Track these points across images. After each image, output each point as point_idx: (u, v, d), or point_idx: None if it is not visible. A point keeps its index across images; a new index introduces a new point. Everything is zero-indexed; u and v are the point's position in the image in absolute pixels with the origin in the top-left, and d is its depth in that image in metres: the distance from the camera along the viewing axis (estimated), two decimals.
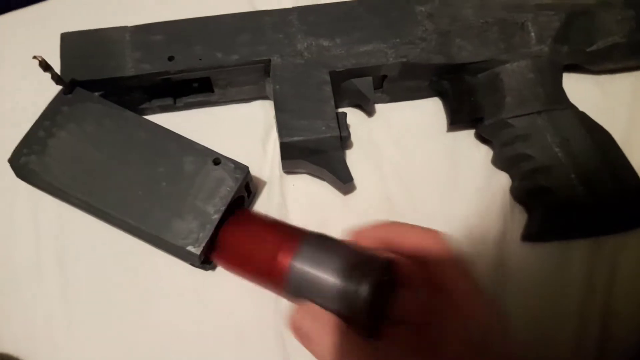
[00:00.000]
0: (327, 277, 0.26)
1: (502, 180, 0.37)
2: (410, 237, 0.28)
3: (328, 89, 0.34)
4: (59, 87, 0.33)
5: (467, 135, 0.39)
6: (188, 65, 0.34)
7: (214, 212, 0.30)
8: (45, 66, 0.30)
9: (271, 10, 0.36)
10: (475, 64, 0.35)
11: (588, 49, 0.37)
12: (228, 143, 0.35)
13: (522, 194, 0.35)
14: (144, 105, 0.38)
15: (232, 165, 0.32)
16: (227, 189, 0.31)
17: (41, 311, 0.34)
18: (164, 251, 0.33)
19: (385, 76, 0.36)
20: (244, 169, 0.32)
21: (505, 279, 0.34)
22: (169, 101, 0.38)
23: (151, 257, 0.34)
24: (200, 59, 0.34)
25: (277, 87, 0.34)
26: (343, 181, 0.34)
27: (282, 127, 0.33)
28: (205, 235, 0.30)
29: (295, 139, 0.32)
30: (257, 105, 0.40)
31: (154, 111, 0.38)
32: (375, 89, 0.37)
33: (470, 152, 0.38)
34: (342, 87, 0.36)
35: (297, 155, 0.34)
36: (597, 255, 0.35)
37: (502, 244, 0.35)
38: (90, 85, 0.34)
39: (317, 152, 0.33)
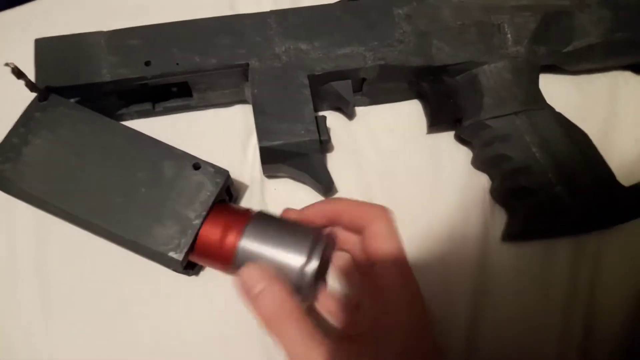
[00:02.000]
0: (273, 254, 0.28)
1: (482, 181, 0.37)
2: (354, 211, 0.29)
3: (307, 92, 0.34)
4: (34, 94, 0.33)
5: (447, 137, 0.39)
6: (165, 70, 0.34)
7: (195, 217, 0.30)
8: (18, 73, 0.29)
9: (250, 14, 0.36)
10: (454, 65, 0.36)
11: (564, 50, 0.37)
12: (208, 147, 0.35)
13: (501, 194, 0.35)
14: (121, 111, 0.37)
15: (212, 170, 0.32)
16: (207, 194, 0.31)
17: (20, 320, 0.33)
18: (145, 258, 0.32)
19: (364, 79, 0.36)
20: (224, 173, 0.32)
21: (487, 278, 0.35)
22: (147, 106, 0.37)
23: (132, 264, 0.34)
24: (177, 64, 0.34)
25: (256, 90, 0.33)
26: (324, 185, 0.34)
27: (262, 132, 0.32)
28: (186, 241, 0.29)
29: (275, 143, 0.32)
30: (237, 109, 0.40)
31: (132, 116, 0.38)
32: (354, 91, 0.37)
33: (450, 154, 0.39)
34: (321, 90, 0.36)
35: (277, 159, 0.33)
36: (578, 253, 0.36)
37: (483, 245, 0.36)
38: (65, 91, 0.33)
39: (297, 156, 0.33)
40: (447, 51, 0.35)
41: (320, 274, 0.28)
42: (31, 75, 0.32)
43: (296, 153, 0.33)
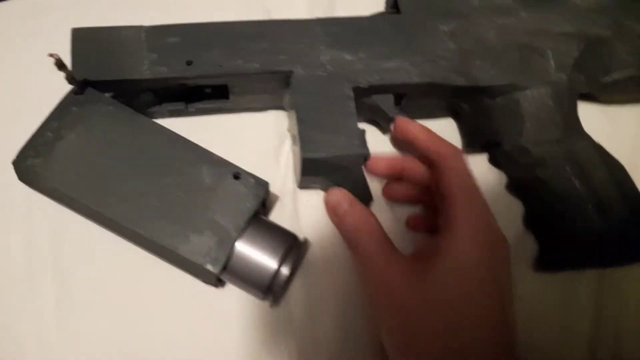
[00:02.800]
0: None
1: (514, 207, 0.37)
2: (430, 143, 0.30)
3: (352, 104, 0.33)
4: (69, 86, 0.31)
5: (481, 159, 0.39)
6: (207, 71, 0.33)
7: (234, 229, 0.29)
8: (60, 65, 0.28)
9: (294, 20, 0.35)
10: (496, 87, 0.35)
11: (603, 79, 0.37)
12: (240, 153, 0.34)
13: (537, 221, 0.35)
14: (153, 109, 0.36)
15: (253, 181, 0.31)
16: (247, 206, 0.30)
17: (33, 322, 0.32)
18: (175, 266, 0.31)
19: (405, 94, 0.36)
20: (265, 186, 0.31)
21: (515, 307, 0.34)
22: (180, 106, 0.36)
23: (153, 268, 0.32)
24: (220, 65, 0.33)
25: (300, 99, 0.33)
26: (363, 201, 0.33)
27: (305, 142, 0.32)
28: (223, 254, 0.28)
29: (319, 155, 0.31)
30: (270, 115, 0.39)
31: (163, 115, 0.37)
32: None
33: (483, 176, 0.37)
34: (360, 102, 0.35)
35: (318, 171, 0.33)
36: (604, 284, 0.36)
37: (513, 273, 0.35)
38: (101, 85, 0.32)
39: (339, 169, 0.32)
40: (490, 72, 0.35)
41: (290, 278, 0.31)
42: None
43: (338, 166, 0.32)
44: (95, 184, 0.29)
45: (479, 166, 0.38)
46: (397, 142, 0.34)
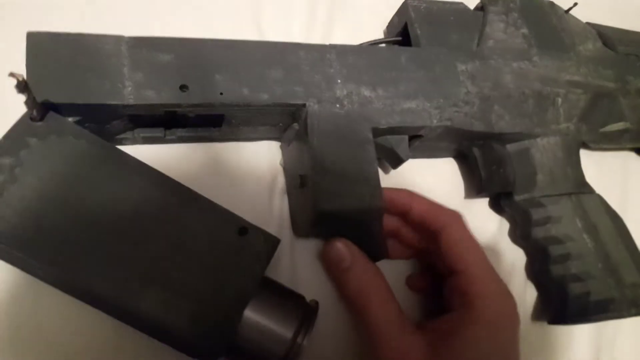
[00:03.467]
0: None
1: (515, 254, 0.36)
2: (429, 212, 0.29)
3: (372, 149, 0.29)
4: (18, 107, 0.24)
5: (481, 204, 0.37)
6: (206, 100, 0.27)
7: (239, 298, 0.24)
8: (23, 87, 0.21)
9: (306, 45, 0.30)
10: (509, 134, 0.34)
11: (601, 130, 0.37)
12: (228, 190, 0.30)
13: (545, 276, 0.33)
14: (124, 135, 0.29)
15: (262, 237, 0.26)
16: (257, 267, 0.25)
17: None
18: (166, 344, 0.25)
19: (420, 135, 0.33)
20: (276, 243, 0.26)
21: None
22: (158, 133, 0.30)
23: (134, 342, 0.26)
24: (221, 93, 0.27)
25: (316, 141, 0.28)
26: (376, 257, 0.29)
27: (321, 192, 0.27)
28: (229, 329, 0.23)
29: (336, 207, 0.27)
30: (262, 145, 0.33)
31: (136, 142, 0.30)
32: None
33: (484, 222, 0.37)
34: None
35: (330, 224, 0.28)
36: (598, 336, 0.36)
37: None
38: (64, 108, 0.25)
39: (355, 223, 0.28)
40: (506, 119, 0.33)
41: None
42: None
43: (356, 219, 0.28)
44: (61, 244, 0.22)
45: (479, 209, 0.37)
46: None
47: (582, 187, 0.34)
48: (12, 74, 0.20)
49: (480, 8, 0.37)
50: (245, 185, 0.32)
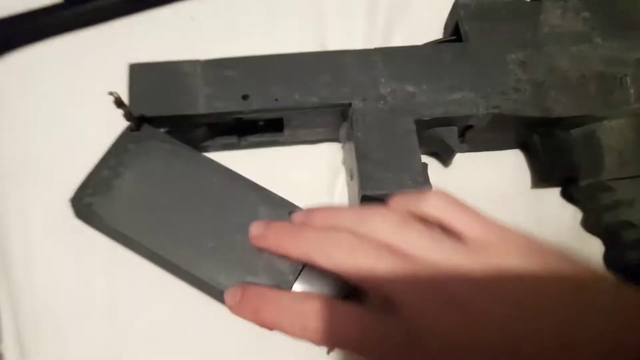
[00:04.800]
0: None
1: (593, 245, 0.34)
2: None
3: (414, 138, 0.31)
4: (124, 122, 0.31)
5: (553, 194, 0.36)
6: (263, 105, 0.32)
7: (290, 272, 0.27)
8: (119, 103, 0.27)
9: (352, 51, 0.33)
10: (570, 118, 0.33)
11: None
12: (293, 187, 0.33)
13: (623, 265, 0.31)
14: (206, 143, 0.35)
15: None
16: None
17: None
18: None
19: (471, 126, 0.34)
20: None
21: None
22: (233, 139, 0.35)
23: (209, 311, 0.31)
24: (276, 99, 0.32)
25: (360, 134, 0.31)
26: None
27: (365, 179, 0.30)
28: None
29: (380, 192, 0.30)
30: (324, 147, 0.37)
31: (216, 148, 0.36)
32: None
33: (556, 213, 0.35)
34: (423, 135, 0.33)
35: None
36: None
37: None
38: (157, 121, 0.31)
39: None
40: (564, 103, 0.33)
41: None
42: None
43: None
44: (150, 224, 0.28)
45: (550, 200, 0.36)
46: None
47: None
48: (110, 93, 0.27)
49: None
50: (308, 182, 0.36)
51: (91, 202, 0.29)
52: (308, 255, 0.24)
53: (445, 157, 0.35)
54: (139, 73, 0.32)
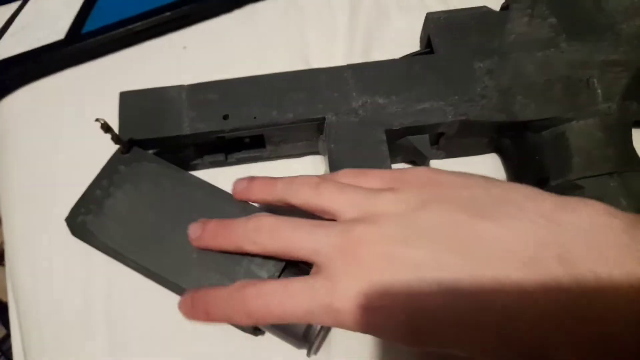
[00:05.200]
0: None
1: None
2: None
3: (384, 148, 0.33)
4: (115, 146, 0.33)
5: None
6: (242, 124, 0.34)
7: (269, 276, 0.29)
8: (106, 128, 0.30)
9: (325, 69, 0.36)
10: (539, 121, 0.34)
11: None
12: None
13: None
14: (195, 161, 0.38)
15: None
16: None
17: None
18: None
19: (442, 133, 0.35)
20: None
21: None
22: (220, 157, 0.38)
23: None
24: (254, 118, 0.34)
25: (332, 146, 0.33)
26: None
27: None
28: None
29: None
30: (307, 160, 0.39)
31: (205, 166, 0.38)
32: (431, 145, 0.36)
33: None
34: (396, 144, 0.35)
35: None
36: None
37: None
38: (146, 143, 0.34)
39: None
40: (531, 107, 0.34)
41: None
42: (114, 126, 0.33)
43: None
44: (140, 240, 0.31)
45: None
46: None
47: (627, 165, 0.32)
48: (97, 120, 0.29)
49: (505, 7, 0.38)
50: None
51: (85, 220, 0.31)
52: (239, 246, 0.27)
53: (421, 164, 0.37)
54: (129, 100, 0.35)
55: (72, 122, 0.40)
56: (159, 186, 0.32)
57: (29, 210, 0.37)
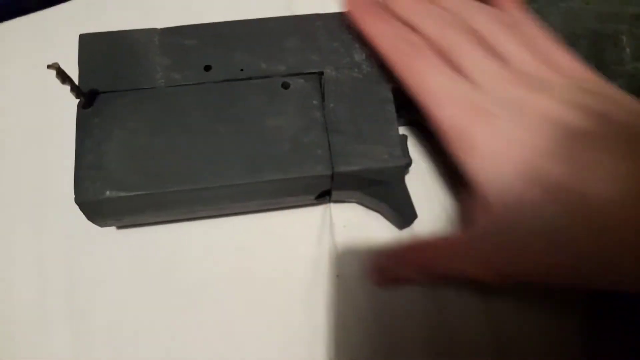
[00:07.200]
0: None
1: None
2: None
3: (391, 108, 0.29)
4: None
5: None
6: (227, 76, 0.29)
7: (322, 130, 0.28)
8: (63, 76, 0.25)
9: (323, 14, 0.31)
10: None
11: None
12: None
13: None
14: None
15: (302, 81, 0.28)
16: (314, 102, 0.28)
17: None
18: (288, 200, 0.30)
19: None
20: (318, 76, 0.29)
21: None
22: None
23: (173, 312, 0.30)
24: (241, 70, 0.29)
25: (331, 104, 0.29)
26: (406, 219, 0.29)
27: (337, 154, 0.27)
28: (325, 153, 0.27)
29: (352, 168, 0.27)
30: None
31: None
32: None
33: None
34: (402, 103, 0.31)
35: (351, 186, 0.29)
36: None
37: None
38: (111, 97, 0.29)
39: (377, 184, 0.28)
40: None
41: None
42: (74, 76, 0.27)
43: (376, 180, 0.28)
44: (169, 167, 0.26)
45: None
46: None
47: None
48: (49, 66, 0.24)
49: None
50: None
51: (97, 191, 0.26)
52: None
53: (427, 126, 0.33)
54: (90, 44, 0.29)
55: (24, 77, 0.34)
56: (145, 111, 0.28)
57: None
